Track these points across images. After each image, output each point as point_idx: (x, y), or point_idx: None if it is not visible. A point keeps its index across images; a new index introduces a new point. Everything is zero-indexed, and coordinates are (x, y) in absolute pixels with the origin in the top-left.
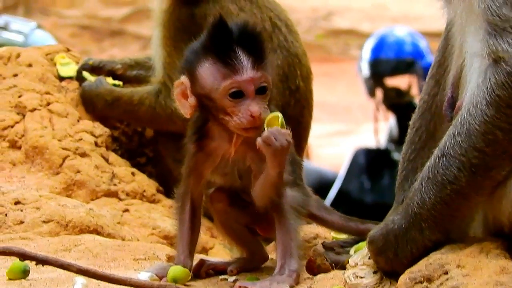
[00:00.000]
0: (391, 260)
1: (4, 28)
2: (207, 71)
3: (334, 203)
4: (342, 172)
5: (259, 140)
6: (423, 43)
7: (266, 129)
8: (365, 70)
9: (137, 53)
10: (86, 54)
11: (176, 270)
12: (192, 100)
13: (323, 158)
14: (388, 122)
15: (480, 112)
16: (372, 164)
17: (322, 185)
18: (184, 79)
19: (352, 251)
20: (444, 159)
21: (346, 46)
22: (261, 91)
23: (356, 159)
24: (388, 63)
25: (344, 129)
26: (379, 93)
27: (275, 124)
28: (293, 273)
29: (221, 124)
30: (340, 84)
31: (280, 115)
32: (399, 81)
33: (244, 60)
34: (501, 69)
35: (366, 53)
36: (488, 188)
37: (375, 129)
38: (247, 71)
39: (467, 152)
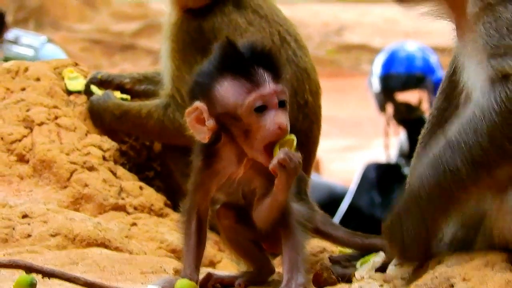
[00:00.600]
0: (400, 244)
1: (15, 42)
2: (229, 89)
3: (345, 218)
4: (352, 187)
5: (274, 162)
6: (433, 58)
7: (278, 149)
8: (376, 85)
9: (148, 67)
10: (97, 69)
11: (182, 283)
12: (210, 123)
13: (333, 173)
14: (398, 137)
15: (489, 121)
16: (382, 179)
17: (332, 200)
18: (198, 104)
19: (358, 264)
20: (450, 150)
21: (357, 61)
22: (282, 104)
23: (366, 174)
24: (398, 78)
25: (354, 144)
26: (389, 108)
27: (287, 147)
28: (300, 287)
29: (233, 146)
30: (351, 99)
31: (295, 138)
32: (410, 96)
33: (265, 74)
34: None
35: (376, 68)
36: (486, 181)
37: (386, 144)
38: (269, 84)
39: (471, 149)
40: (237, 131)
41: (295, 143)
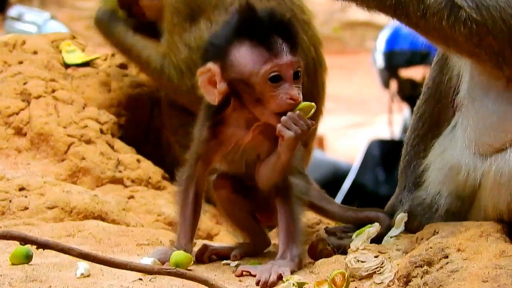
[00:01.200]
0: None
1: (18, 19)
2: (246, 55)
3: (348, 195)
4: (356, 164)
5: (279, 124)
6: None
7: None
8: (380, 62)
9: None
10: (101, 47)
11: (178, 255)
12: (222, 86)
13: (338, 150)
14: (402, 114)
15: None
16: (386, 155)
17: (336, 177)
18: (211, 65)
19: (354, 235)
20: None
21: (363, 38)
22: (296, 76)
23: (370, 151)
24: (402, 54)
25: (359, 121)
26: (393, 84)
27: (303, 113)
28: (295, 258)
29: (242, 111)
30: (356, 76)
31: (314, 106)
32: (414, 72)
33: (283, 44)
34: None
35: (380, 44)
36: None
37: (390, 120)
38: (286, 55)
39: None
40: (248, 98)
41: (313, 110)
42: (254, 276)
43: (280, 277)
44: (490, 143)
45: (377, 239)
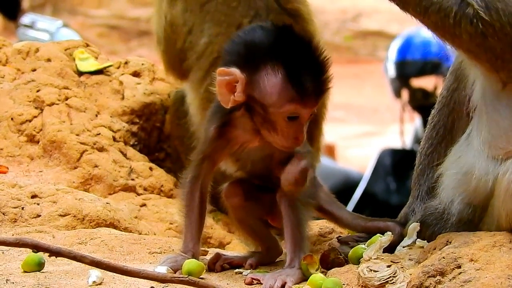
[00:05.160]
0: None
1: (31, 26)
2: (275, 85)
3: (359, 204)
4: (367, 173)
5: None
6: None
7: None
8: (391, 71)
9: None
10: (114, 54)
11: (190, 263)
12: (240, 96)
13: (350, 160)
14: (414, 123)
15: None
16: (397, 165)
17: (347, 186)
18: (238, 73)
19: (365, 245)
20: None
21: (374, 48)
22: (310, 115)
23: (381, 160)
24: (414, 64)
25: (371, 130)
26: (405, 94)
27: None
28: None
29: (250, 120)
30: (368, 85)
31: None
32: (425, 82)
33: (313, 88)
34: None
35: (392, 53)
36: None
37: (401, 130)
38: (311, 101)
39: None
40: (259, 117)
41: None
42: None
43: (283, 285)
44: (503, 146)
45: (389, 249)
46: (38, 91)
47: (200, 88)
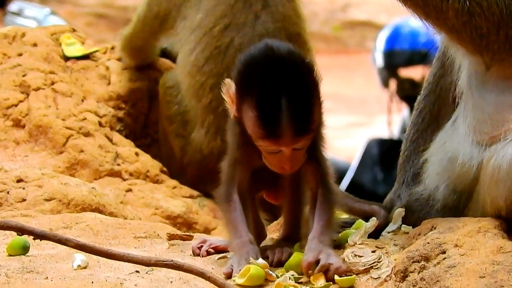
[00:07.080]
0: None
1: (18, 14)
2: (250, 120)
3: None
4: (354, 163)
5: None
6: None
7: None
8: (379, 61)
9: None
10: (102, 43)
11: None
12: (233, 110)
13: (338, 150)
14: (401, 113)
15: None
16: (385, 155)
17: (335, 176)
18: (232, 92)
19: (351, 230)
20: None
21: (363, 38)
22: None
23: (369, 150)
24: (402, 54)
25: (359, 121)
26: (392, 84)
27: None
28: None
29: None
30: (356, 76)
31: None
32: (413, 72)
33: (289, 129)
34: None
35: (380, 43)
36: None
37: (389, 120)
38: (288, 140)
39: None
40: (251, 139)
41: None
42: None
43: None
44: (487, 131)
45: (374, 234)
46: (24, 75)
47: (189, 58)
